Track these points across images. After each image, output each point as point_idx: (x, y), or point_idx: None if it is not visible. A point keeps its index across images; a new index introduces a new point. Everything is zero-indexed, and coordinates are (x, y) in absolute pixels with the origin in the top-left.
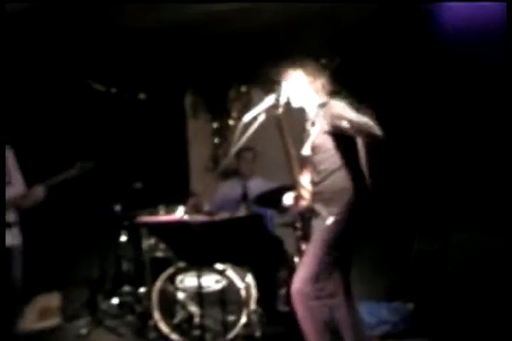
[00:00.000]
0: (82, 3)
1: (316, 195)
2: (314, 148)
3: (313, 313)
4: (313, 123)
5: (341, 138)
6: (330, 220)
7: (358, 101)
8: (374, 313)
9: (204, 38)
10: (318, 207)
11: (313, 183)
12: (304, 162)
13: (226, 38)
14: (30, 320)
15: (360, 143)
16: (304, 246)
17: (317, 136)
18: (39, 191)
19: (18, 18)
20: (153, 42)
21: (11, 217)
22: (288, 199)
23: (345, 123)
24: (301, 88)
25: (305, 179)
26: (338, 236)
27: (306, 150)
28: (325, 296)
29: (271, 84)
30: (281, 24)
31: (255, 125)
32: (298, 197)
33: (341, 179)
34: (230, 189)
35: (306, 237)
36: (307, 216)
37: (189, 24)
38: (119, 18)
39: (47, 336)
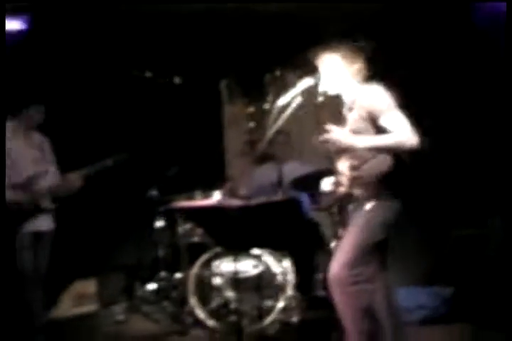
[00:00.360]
0: None
1: (354, 180)
2: (352, 133)
3: (351, 298)
4: (350, 109)
5: (376, 125)
6: (368, 205)
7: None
8: (413, 298)
9: (239, 21)
10: (357, 192)
11: (352, 168)
12: (342, 147)
13: (261, 21)
14: (67, 307)
15: None
16: (341, 231)
17: (354, 121)
18: (75, 179)
19: (52, 6)
20: (188, 26)
21: (45, 203)
22: (326, 185)
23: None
24: (337, 72)
25: (343, 165)
26: (377, 221)
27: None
28: (362, 281)
29: (306, 68)
30: (317, 6)
31: (291, 108)
32: (336, 184)
33: (379, 164)
34: (266, 173)
35: (343, 222)
36: (345, 201)
37: (224, 8)
38: (154, 3)
39: (83, 322)
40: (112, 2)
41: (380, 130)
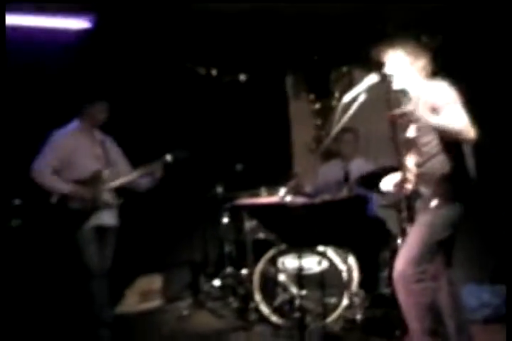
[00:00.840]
0: None
1: (420, 177)
2: (418, 130)
3: (415, 296)
4: (415, 104)
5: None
6: (434, 202)
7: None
8: (476, 296)
9: (305, 18)
10: (422, 189)
11: (418, 165)
12: (409, 144)
13: (326, 18)
14: (132, 302)
15: None
16: (408, 228)
17: (420, 118)
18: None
19: (114, 3)
20: (254, 24)
21: (110, 198)
22: (386, 185)
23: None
24: (402, 68)
25: (410, 161)
26: (442, 218)
27: (411, 132)
28: (427, 279)
29: (373, 64)
30: (382, 2)
31: (356, 105)
32: (403, 181)
33: (444, 161)
34: (332, 170)
35: (410, 219)
36: (413, 197)
37: (291, 5)
38: (218, 2)
39: (149, 317)
40: (178, 2)
41: None
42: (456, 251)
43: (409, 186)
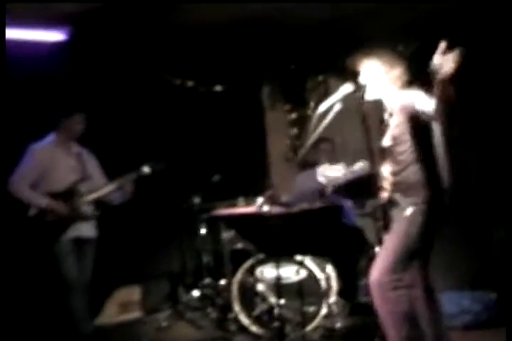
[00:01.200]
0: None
1: (395, 186)
2: (393, 139)
3: (391, 304)
4: (391, 114)
5: (418, 130)
6: (409, 211)
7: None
8: (456, 303)
9: (279, 29)
10: (397, 198)
11: (393, 174)
12: (384, 153)
13: (301, 28)
14: (112, 314)
15: (437, 133)
16: (384, 237)
17: (395, 127)
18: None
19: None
20: (228, 35)
21: (88, 210)
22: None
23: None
24: (377, 78)
25: (385, 169)
26: (417, 227)
27: (386, 141)
28: (402, 287)
29: (348, 74)
30: (358, 12)
31: (331, 115)
32: (380, 188)
33: (419, 170)
34: (308, 180)
35: (386, 227)
36: (388, 206)
37: (262, 16)
38: (194, 14)
39: (128, 329)
40: (152, 15)
41: (418, 136)
42: (436, 257)
43: (384, 194)
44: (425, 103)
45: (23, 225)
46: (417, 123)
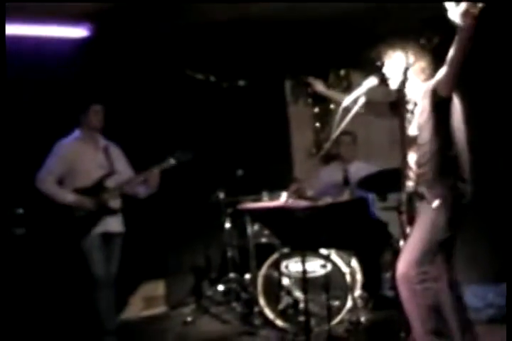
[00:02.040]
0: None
1: (420, 177)
2: (419, 128)
3: (418, 297)
4: (415, 104)
5: (441, 120)
6: (435, 203)
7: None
8: (480, 296)
9: (301, 23)
10: (423, 190)
11: (418, 165)
12: (411, 142)
13: (324, 22)
14: (136, 308)
15: (461, 126)
16: (408, 230)
17: (420, 115)
18: (153, 176)
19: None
20: (250, 30)
21: (113, 204)
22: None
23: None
24: (402, 69)
25: (411, 159)
26: (443, 219)
27: (413, 130)
28: (429, 280)
29: (371, 67)
30: (379, 6)
31: (355, 108)
32: (405, 177)
33: (443, 161)
34: (331, 174)
35: (411, 220)
36: (413, 199)
37: (284, 11)
38: (216, 11)
39: (153, 324)
40: (174, 12)
41: (442, 127)
42: (460, 251)
43: (410, 183)
44: (439, 75)
45: (53, 221)
46: (438, 106)
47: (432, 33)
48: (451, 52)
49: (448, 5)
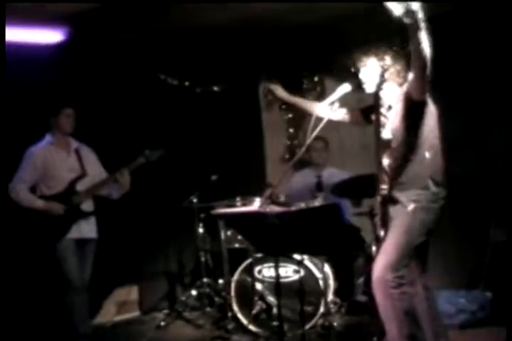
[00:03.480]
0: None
1: (393, 181)
2: (393, 132)
3: (394, 301)
4: (389, 107)
5: (415, 124)
6: (410, 207)
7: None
8: (452, 302)
9: (275, 29)
10: (397, 194)
11: (392, 168)
12: (385, 146)
13: (297, 28)
14: (110, 313)
15: (436, 130)
16: (382, 234)
17: (394, 119)
18: (122, 176)
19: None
20: (225, 36)
21: (88, 206)
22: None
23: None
24: (374, 73)
25: (386, 163)
26: (419, 223)
27: (386, 134)
28: (405, 284)
29: (345, 73)
30: (353, 14)
31: (329, 114)
32: (379, 181)
33: (416, 165)
34: (304, 179)
35: (384, 224)
36: (387, 203)
37: (258, 17)
38: (191, 15)
39: (126, 328)
40: (149, 16)
41: (415, 130)
42: (433, 257)
43: (384, 186)
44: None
45: (26, 225)
46: (411, 109)
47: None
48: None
49: (390, 5)
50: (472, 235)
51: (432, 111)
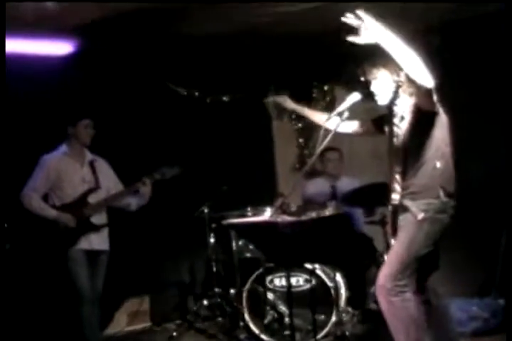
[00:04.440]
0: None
1: (405, 189)
2: (405, 141)
3: (396, 309)
4: (402, 118)
5: (427, 134)
6: (420, 216)
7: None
8: (465, 310)
9: (284, 38)
10: (407, 202)
11: (403, 177)
12: (397, 155)
13: (307, 38)
14: (121, 324)
15: (447, 140)
16: (393, 242)
17: (406, 130)
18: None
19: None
20: (234, 45)
21: (100, 219)
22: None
23: None
24: (386, 86)
25: (397, 172)
26: (425, 234)
27: (399, 143)
28: (407, 292)
29: (354, 83)
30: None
31: (340, 124)
32: (390, 190)
33: (428, 175)
34: (318, 188)
35: (395, 232)
36: (398, 212)
37: (269, 26)
38: (200, 25)
39: (138, 339)
40: (158, 26)
41: (427, 139)
42: (445, 264)
43: (396, 196)
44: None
45: (37, 236)
46: (422, 119)
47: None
48: None
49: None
50: (483, 243)
51: (443, 120)
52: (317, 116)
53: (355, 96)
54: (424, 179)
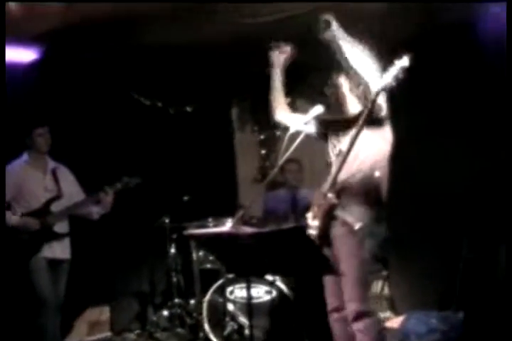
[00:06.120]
0: (126, 23)
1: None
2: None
3: (371, 331)
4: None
5: (365, 143)
6: (357, 226)
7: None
8: (424, 322)
9: (247, 49)
10: (339, 212)
11: (339, 182)
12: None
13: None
14: (81, 333)
15: (387, 152)
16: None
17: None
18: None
19: (61, 35)
20: (197, 56)
21: (62, 227)
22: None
23: None
24: (345, 95)
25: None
26: (366, 251)
27: (344, 145)
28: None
29: (316, 95)
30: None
31: (302, 135)
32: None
33: (364, 183)
34: (279, 200)
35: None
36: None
37: (230, 37)
38: (163, 35)
39: None
40: (122, 35)
41: (364, 150)
42: (403, 278)
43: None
44: None
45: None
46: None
47: None
48: None
49: None
50: (444, 256)
51: (387, 136)
52: (280, 99)
53: (317, 109)
54: (360, 187)
